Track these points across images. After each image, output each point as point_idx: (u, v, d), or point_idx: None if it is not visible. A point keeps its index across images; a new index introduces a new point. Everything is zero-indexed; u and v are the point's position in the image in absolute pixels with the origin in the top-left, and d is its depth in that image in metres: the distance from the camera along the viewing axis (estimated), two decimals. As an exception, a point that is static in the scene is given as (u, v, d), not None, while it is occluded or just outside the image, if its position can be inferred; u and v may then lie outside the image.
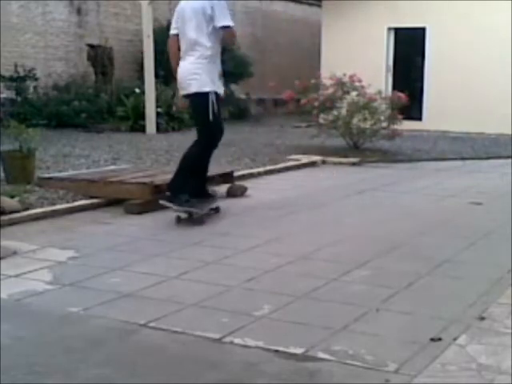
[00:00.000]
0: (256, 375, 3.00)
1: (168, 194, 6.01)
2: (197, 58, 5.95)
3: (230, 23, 5.93)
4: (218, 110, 6.05)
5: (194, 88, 5.96)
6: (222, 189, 7.43)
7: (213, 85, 5.97)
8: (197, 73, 5.94)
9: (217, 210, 6.40)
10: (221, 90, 6.12)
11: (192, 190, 6.04)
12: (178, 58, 6.11)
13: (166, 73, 15.15)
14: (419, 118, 15.60)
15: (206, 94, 5.93)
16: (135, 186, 6.60)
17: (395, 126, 11.07)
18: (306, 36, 20.44)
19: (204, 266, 4.67)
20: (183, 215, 5.99)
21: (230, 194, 7.39)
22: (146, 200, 6.46)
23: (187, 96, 6.12)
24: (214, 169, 8.33)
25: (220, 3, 5.91)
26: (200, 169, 6.26)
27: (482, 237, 5.63)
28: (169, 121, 13.98)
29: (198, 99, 5.98)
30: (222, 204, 7.04)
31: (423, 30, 15.73)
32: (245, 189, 7.50)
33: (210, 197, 6.42)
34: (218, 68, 6.09)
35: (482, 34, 14.85)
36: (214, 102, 5.95)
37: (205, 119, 5.99)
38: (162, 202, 5.98)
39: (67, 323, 3.64)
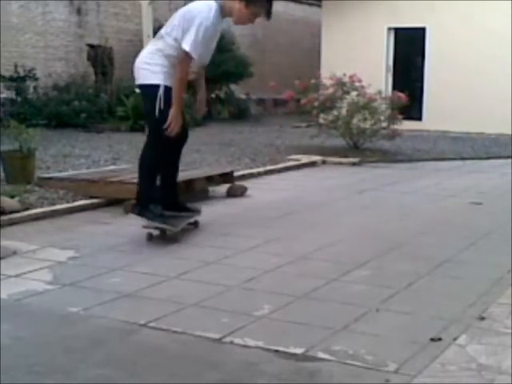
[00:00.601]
0: (256, 375, 3.00)
1: (137, 205, 5.35)
2: (156, 49, 5.31)
3: (189, 49, 5.12)
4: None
5: (141, 78, 5.32)
6: (222, 189, 7.43)
7: (166, 78, 5.24)
8: (148, 62, 5.28)
9: (195, 224, 5.75)
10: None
11: (164, 201, 5.46)
12: None
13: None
14: (419, 118, 15.60)
15: (154, 87, 5.22)
16: (135, 186, 6.58)
17: (395, 126, 11.07)
18: (306, 36, 20.45)
19: (204, 266, 4.67)
20: (155, 232, 5.30)
21: (230, 193, 7.39)
22: (145, 200, 6.45)
23: (139, 87, 5.53)
24: (214, 169, 8.38)
25: (200, 26, 5.12)
26: (165, 174, 5.58)
27: (482, 237, 5.63)
28: (169, 121, 13.96)
29: (146, 91, 5.34)
30: (222, 204, 7.05)
31: (423, 30, 15.74)
32: (245, 189, 7.50)
33: (187, 210, 5.73)
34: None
35: (482, 33, 14.86)
36: (162, 97, 5.21)
37: (150, 115, 5.32)
38: (133, 215, 5.39)
39: (67, 323, 3.64)
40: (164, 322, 3.59)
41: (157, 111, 5.22)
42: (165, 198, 5.45)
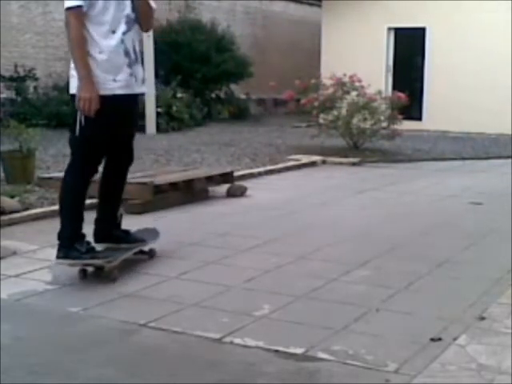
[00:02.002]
0: (256, 375, 3.00)
1: (60, 248, 4.32)
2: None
3: (68, 3, 4.16)
4: (114, 120, 4.31)
5: (71, 88, 4.34)
6: (222, 189, 7.43)
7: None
8: (72, 67, 4.30)
9: (151, 253, 4.82)
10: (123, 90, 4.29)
11: (97, 230, 4.60)
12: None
13: (166, 73, 15.25)
14: (419, 118, 15.59)
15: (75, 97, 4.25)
16: (135, 186, 6.58)
17: (395, 126, 11.08)
18: (306, 36, 20.43)
19: (204, 266, 4.67)
20: (90, 268, 4.42)
21: (230, 193, 7.39)
22: (145, 200, 6.46)
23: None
24: (214, 169, 8.38)
25: None
26: (106, 199, 4.67)
27: (482, 237, 5.63)
28: (169, 121, 13.97)
29: (73, 103, 4.31)
30: (222, 204, 7.04)
31: (423, 30, 15.73)
32: (245, 189, 7.50)
33: (130, 241, 4.70)
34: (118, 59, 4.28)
35: (482, 33, 14.84)
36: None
37: (72, 132, 4.35)
38: (57, 261, 4.35)
39: (67, 323, 3.64)
40: (164, 322, 3.59)
41: (77, 129, 4.27)
42: (98, 229, 4.61)
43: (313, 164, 10.06)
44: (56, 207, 6.28)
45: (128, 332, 3.49)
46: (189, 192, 7.01)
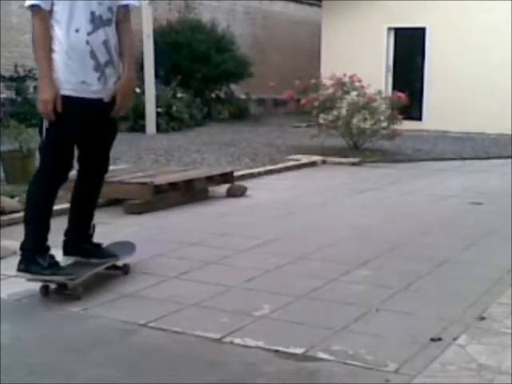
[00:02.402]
0: (256, 375, 3.00)
1: (22, 260, 4.08)
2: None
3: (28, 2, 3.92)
4: (80, 126, 4.05)
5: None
6: (222, 189, 7.43)
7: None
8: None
9: (125, 269, 4.46)
10: (86, 93, 3.99)
11: (67, 242, 4.35)
12: None
13: (166, 73, 15.25)
14: (419, 118, 15.59)
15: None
16: (135, 185, 6.60)
17: (395, 126, 11.08)
18: (306, 36, 20.43)
19: (204, 266, 4.67)
20: (52, 285, 4.09)
21: (230, 193, 7.39)
22: (145, 200, 6.46)
23: None
24: (214, 169, 8.38)
25: None
26: (77, 209, 4.43)
27: (482, 237, 5.63)
28: (169, 121, 13.98)
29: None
30: (222, 204, 7.04)
31: (423, 30, 15.73)
32: (245, 189, 7.50)
33: (100, 256, 4.38)
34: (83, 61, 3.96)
35: (482, 33, 14.84)
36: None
37: (40, 135, 4.11)
38: (17, 273, 4.10)
39: (67, 323, 3.64)
40: (164, 322, 3.59)
41: (43, 134, 4.03)
42: (67, 241, 4.36)
43: (313, 164, 10.06)
44: (55, 207, 6.28)
45: (128, 332, 3.49)
46: (189, 192, 7.01)
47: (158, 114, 13.66)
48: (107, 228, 5.85)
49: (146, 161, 9.39)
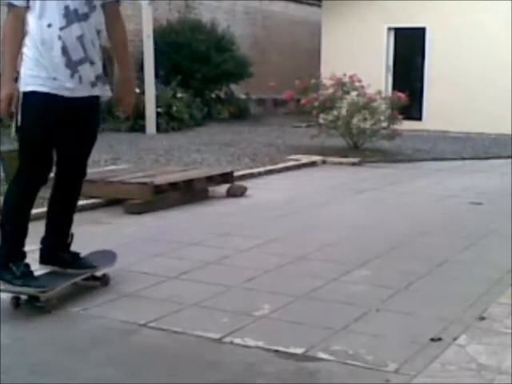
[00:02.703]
0: (256, 375, 3.00)
1: None
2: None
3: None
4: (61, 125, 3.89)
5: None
6: (222, 189, 7.43)
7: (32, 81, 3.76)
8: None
9: (104, 280, 4.21)
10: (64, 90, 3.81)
11: (43, 251, 4.16)
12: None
13: (166, 73, 15.24)
14: (419, 118, 15.59)
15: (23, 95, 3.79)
16: (135, 186, 6.60)
17: (395, 126, 11.07)
18: (306, 36, 20.44)
19: (204, 266, 4.67)
20: (23, 296, 3.84)
21: (230, 193, 7.39)
22: (145, 200, 6.46)
23: None
24: (214, 169, 8.38)
25: None
26: (54, 216, 4.32)
27: (482, 237, 5.63)
28: (169, 121, 13.97)
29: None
30: (222, 204, 7.04)
31: (423, 30, 15.72)
32: (245, 189, 7.50)
33: (78, 266, 4.15)
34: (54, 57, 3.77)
35: (482, 33, 14.84)
36: (19, 106, 3.79)
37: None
38: None
39: (67, 323, 3.64)
40: (164, 322, 3.59)
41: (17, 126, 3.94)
42: (44, 250, 4.17)
43: (313, 164, 10.06)
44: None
45: (128, 332, 3.49)
46: (189, 192, 7.01)
47: (157, 113, 13.65)
48: (107, 228, 5.86)
49: (145, 161, 9.39)
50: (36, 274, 3.95)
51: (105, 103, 4.72)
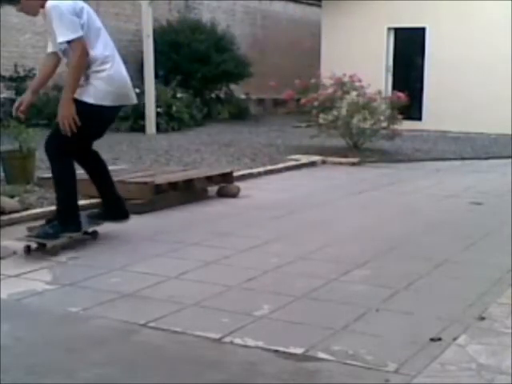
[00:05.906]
0: (256, 375, 3.00)
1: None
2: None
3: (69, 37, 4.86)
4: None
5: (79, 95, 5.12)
6: (214, 189, 7.41)
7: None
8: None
9: (93, 234, 5.36)
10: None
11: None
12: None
13: (166, 73, 15.25)
14: (419, 118, 15.59)
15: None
16: (135, 185, 6.59)
17: (395, 126, 11.07)
18: (305, 36, 20.44)
19: (204, 266, 4.67)
20: (33, 245, 4.94)
21: (221, 194, 7.31)
22: (146, 200, 6.46)
23: None
24: (214, 169, 8.37)
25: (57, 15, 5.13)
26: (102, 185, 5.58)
27: (482, 237, 5.63)
28: (169, 121, 13.98)
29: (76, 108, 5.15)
30: (222, 204, 7.04)
31: (423, 30, 15.73)
32: (238, 189, 7.41)
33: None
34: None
35: (481, 33, 14.85)
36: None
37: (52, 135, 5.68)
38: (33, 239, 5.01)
39: (67, 323, 3.64)
40: (164, 322, 3.59)
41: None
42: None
43: (313, 164, 10.06)
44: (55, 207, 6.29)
45: (128, 332, 3.49)
46: (189, 192, 7.01)
47: (157, 113, 13.65)
48: (107, 227, 5.85)
49: (145, 161, 9.39)
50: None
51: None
